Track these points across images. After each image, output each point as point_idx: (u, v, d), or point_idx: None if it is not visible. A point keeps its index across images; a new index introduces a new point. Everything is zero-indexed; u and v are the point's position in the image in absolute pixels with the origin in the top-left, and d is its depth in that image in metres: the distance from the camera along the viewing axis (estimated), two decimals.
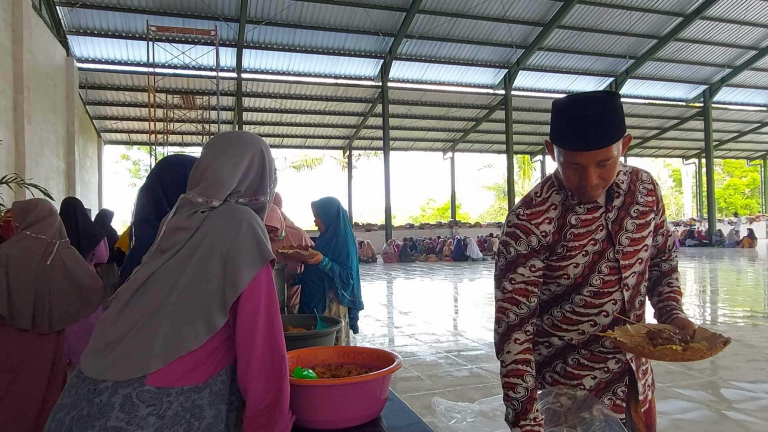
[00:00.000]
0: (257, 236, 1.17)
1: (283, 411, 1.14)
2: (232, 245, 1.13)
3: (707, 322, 6.46)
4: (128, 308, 1.12)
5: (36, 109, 10.76)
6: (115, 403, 1.01)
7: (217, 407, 1.11)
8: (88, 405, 1.02)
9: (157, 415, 1.03)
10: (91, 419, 1.01)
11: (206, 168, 1.25)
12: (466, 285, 11.72)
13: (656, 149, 31.72)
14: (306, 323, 2.20)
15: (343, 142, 26.23)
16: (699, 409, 3.37)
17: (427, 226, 26.51)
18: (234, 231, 1.15)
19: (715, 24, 19.57)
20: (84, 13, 15.12)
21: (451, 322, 7.04)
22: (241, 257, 1.13)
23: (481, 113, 23.57)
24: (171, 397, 1.05)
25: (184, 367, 1.07)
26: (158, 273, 1.14)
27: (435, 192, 57.98)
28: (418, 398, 3.68)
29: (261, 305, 1.13)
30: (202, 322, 1.09)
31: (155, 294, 1.11)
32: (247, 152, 1.28)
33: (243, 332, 1.11)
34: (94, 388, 1.04)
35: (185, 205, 1.22)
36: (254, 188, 1.29)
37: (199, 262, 1.12)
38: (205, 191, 1.22)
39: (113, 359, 1.06)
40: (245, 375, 1.11)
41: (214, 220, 1.18)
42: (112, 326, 1.11)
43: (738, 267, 13.89)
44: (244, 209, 1.22)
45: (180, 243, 1.16)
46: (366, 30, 17.78)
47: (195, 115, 18.39)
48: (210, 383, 1.11)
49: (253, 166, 1.29)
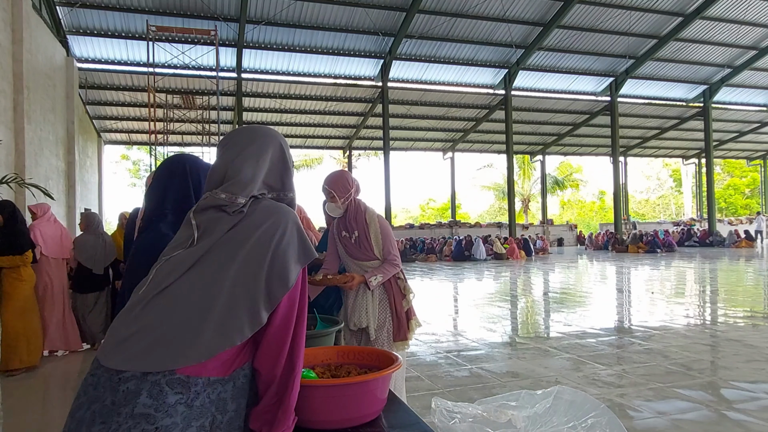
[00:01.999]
0: (302, 234, 1.18)
1: (287, 410, 1.14)
2: (280, 242, 1.13)
3: (707, 322, 6.46)
4: (161, 299, 1.08)
5: (36, 109, 10.76)
6: (143, 389, 0.98)
7: (238, 401, 1.11)
8: (112, 394, 0.99)
9: (185, 404, 1.00)
10: (117, 407, 0.97)
11: (228, 164, 1.22)
12: (466, 285, 11.73)
13: (656, 149, 31.73)
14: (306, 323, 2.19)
15: (343, 142, 26.23)
16: (699, 409, 3.37)
17: (427, 226, 26.52)
18: (281, 228, 1.15)
19: (715, 24, 19.58)
20: (84, 13, 15.13)
21: (451, 322, 7.04)
22: (290, 254, 1.13)
23: (481, 113, 23.57)
24: (198, 387, 1.03)
25: (216, 359, 1.05)
26: (197, 266, 1.11)
27: (435, 192, 58.11)
28: (418, 398, 3.68)
29: (296, 303, 1.15)
30: (247, 317, 1.07)
31: (194, 286, 1.08)
32: (267, 146, 1.27)
33: (278, 328, 1.11)
34: (119, 378, 1.00)
35: (213, 201, 1.19)
36: (280, 183, 1.28)
37: (246, 258, 1.10)
38: (230, 188, 1.19)
39: (144, 349, 1.02)
40: (271, 370, 1.11)
41: (259, 217, 1.17)
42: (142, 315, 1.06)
43: (738, 267, 13.90)
44: (287, 208, 1.22)
45: (219, 237, 1.13)
46: (366, 30, 17.78)
47: (195, 115, 18.40)
48: (234, 377, 1.10)
49: (276, 160, 1.28)
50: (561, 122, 25.75)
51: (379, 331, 2.70)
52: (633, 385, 3.87)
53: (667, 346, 5.06)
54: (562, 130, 26.44)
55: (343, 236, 2.78)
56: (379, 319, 2.71)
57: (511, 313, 7.57)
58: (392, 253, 2.70)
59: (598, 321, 6.64)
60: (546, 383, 3.97)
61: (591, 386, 3.87)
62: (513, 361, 4.76)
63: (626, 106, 24.32)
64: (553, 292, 9.81)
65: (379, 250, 2.70)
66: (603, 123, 25.00)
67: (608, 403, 3.42)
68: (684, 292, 9.60)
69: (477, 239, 19.48)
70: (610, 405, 3.37)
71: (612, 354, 4.87)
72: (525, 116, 24.34)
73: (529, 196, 36.77)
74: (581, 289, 10.11)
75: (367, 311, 2.69)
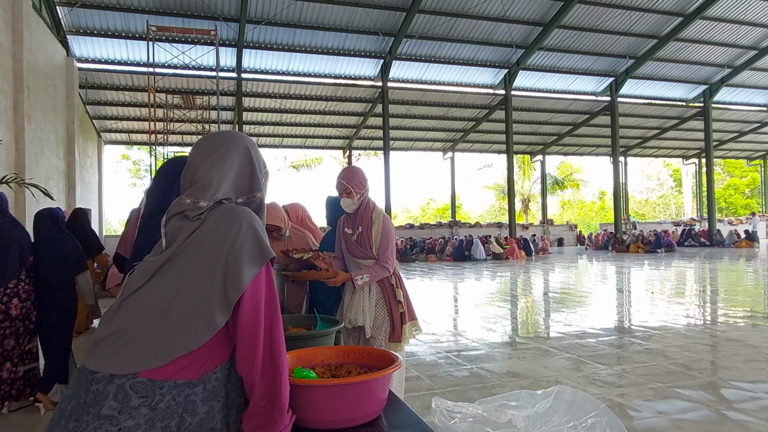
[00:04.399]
0: (257, 235, 1.18)
1: (282, 410, 1.14)
2: (233, 244, 1.14)
3: (707, 322, 6.46)
4: (130, 304, 1.13)
5: (36, 109, 10.76)
6: (110, 392, 1.04)
7: (210, 404, 1.12)
8: (86, 393, 1.05)
9: (149, 406, 1.04)
10: (87, 406, 1.03)
11: (195, 171, 1.26)
12: (466, 285, 11.72)
13: (656, 149, 31.72)
14: (306, 323, 2.20)
15: (343, 142, 26.23)
16: (699, 409, 3.37)
17: (427, 226, 26.51)
18: (234, 230, 1.16)
19: (715, 24, 19.58)
20: (84, 13, 15.13)
21: (451, 322, 7.04)
22: (243, 256, 1.14)
23: (481, 113, 23.56)
24: (164, 390, 1.06)
25: (180, 363, 1.09)
26: (160, 272, 1.14)
27: (435, 192, 58.10)
28: (418, 398, 3.68)
29: (262, 303, 1.15)
30: (204, 322, 1.09)
31: (157, 292, 1.12)
32: (232, 152, 1.29)
33: (245, 331, 1.12)
34: (92, 378, 1.06)
35: (179, 207, 1.23)
36: (247, 186, 1.31)
37: (201, 262, 1.13)
38: (194, 193, 1.23)
39: (112, 351, 1.08)
40: (250, 373, 1.12)
41: (214, 220, 1.19)
42: (113, 319, 1.12)
43: (738, 267, 13.90)
44: (244, 209, 1.23)
45: (180, 243, 1.17)
46: (366, 30, 17.77)
47: (195, 115, 18.40)
48: (204, 380, 1.12)
49: (242, 165, 1.30)
50: (561, 122, 25.74)
51: (377, 330, 2.70)
52: (633, 385, 3.87)
53: (668, 346, 5.06)
54: (562, 130, 26.43)
55: (345, 233, 2.81)
56: (376, 318, 2.71)
57: (511, 313, 7.57)
58: (385, 255, 2.70)
59: (599, 321, 6.64)
60: (546, 383, 3.97)
61: (591, 386, 3.87)
62: (513, 361, 4.76)
63: (626, 106, 24.32)
64: (553, 292, 9.81)
65: (376, 249, 2.71)
66: (603, 123, 25.00)
67: (608, 403, 3.43)
68: (684, 292, 9.60)
69: (476, 239, 19.49)
70: (610, 405, 3.37)
71: (612, 354, 4.87)
72: (525, 116, 24.33)
73: (529, 196, 36.75)
74: (581, 289, 10.11)
75: (363, 309, 2.70)
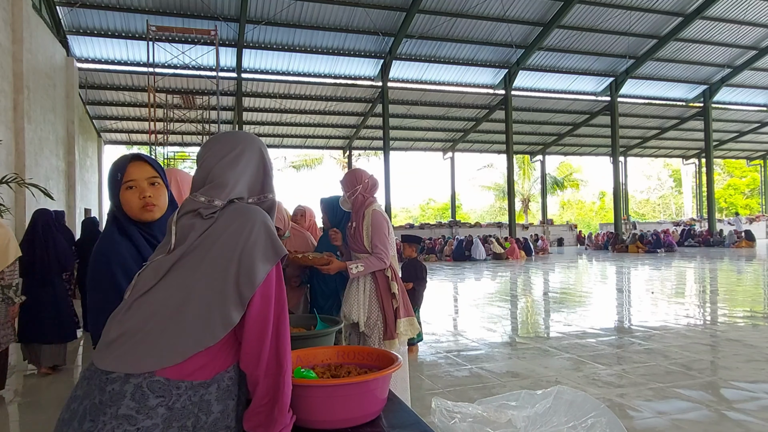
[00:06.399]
0: (270, 233, 1.20)
1: (282, 409, 1.15)
2: (247, 242, 1.15)
3: (707, 322, 6.46)
4: (142, 304, 1.13)
5: (36, 109, 10.76)
6: (127, 391, 1.04)
7: (224, 403, 1.13)
8: (100, 393, 1.05)
9: (166, 406, 1.05)
10: (103, 406, 1.03)
11: (210, 170, 1.27)
12: (466, 285, 11.72)
13: (656, 149, 31.73)
14: (306, 323, 2.20)
15: (343, 142, 26.23)
16: (699, 409, 3.37)
17: (427, 226, 26.51)
18: (248, 228, 1.17)
19: (715, 24, 19.58)
20: (84, 13, 15.13)
21: (451, 322, 7.04)
22: (256, 253, 1.15)
23: (481, 113, 23.57)
24: (180, 390, 1.07)
25: (195, 363, 1.09)
26: (172, 271, 1.15)
27: (435, 192, 58.12)
28: (418, 398, 3.68)
29: (272, 301, 1.16)
30: (219, 319, 1.10)
31: (170, 291, 1.12)
32: (247, 152, 1.30)
33: (254, 327, 1.13)
34: (106, 378, 1.06)
35: (191, 205, 1.23)
36: (260, 187, 1.32)
37: (214, 260, 1.14)
38: (209, 192, 1.23)
39: (126, 351, 1.08)
40: (255, 370, 1.13)
41: (228, 219, 1.20)
42: (126, 319, 1.12)
43: (737, 267, 13.90)
44: (256, 208, 1.25)
45: (192, 242, 1.17)
46: (366, 30, 17.77)
47: (195, 115, 18.40)
48: (218, 379, 1.12)
49: (257, 166, 1.31)
50: (561, 122, 25.74)
51: (372, 328, 2.69)
52: (633, 385, 3.87)
53: (667, 346, 5.06)
54: (562, 130, 26.43)
55: (347, 227, 2.88)
56: (370, 315, 2.69)
57: (511, 313, 7.57)
58: (378, 247, 2.69)
59: (598, 321, 6.64)
60: (546, 383, 3.97)
61: (591, 386, 3.87)
62: (513, 361, 4.76)
63: (626, 106, 24.32)
64: (553, 292, 9.81)
65: (369, 243, 2.71)
66: (603, 123, 25.00)
67: (608, 403, 3.42)
68: (684, 291, 9.60)
69: (476, 239, 19.49)
70: (610, 405, 3.37)
71: (612, 354, 4.87)
72: (525, 116, 24.33)
73: (529, 196, 36.76)
74: (581, 289, 10.11)
75: (357, 302, 2.69)
